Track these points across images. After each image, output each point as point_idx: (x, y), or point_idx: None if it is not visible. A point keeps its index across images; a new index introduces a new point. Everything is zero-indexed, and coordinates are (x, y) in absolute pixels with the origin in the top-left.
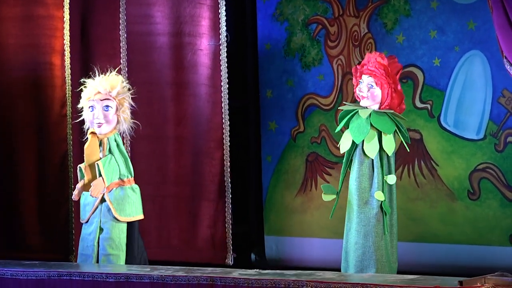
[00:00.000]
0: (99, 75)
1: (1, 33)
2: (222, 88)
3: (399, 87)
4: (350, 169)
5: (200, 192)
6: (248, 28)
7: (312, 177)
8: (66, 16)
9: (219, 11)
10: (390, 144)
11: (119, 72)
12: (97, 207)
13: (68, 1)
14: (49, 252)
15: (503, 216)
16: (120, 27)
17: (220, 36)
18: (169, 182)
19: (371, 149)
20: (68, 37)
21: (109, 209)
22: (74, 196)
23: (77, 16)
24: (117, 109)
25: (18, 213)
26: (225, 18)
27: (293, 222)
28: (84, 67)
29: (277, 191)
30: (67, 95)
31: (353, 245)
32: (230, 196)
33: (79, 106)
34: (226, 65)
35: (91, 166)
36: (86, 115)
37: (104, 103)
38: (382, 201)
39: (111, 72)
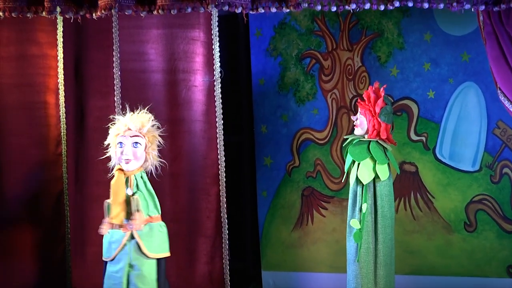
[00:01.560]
0: (128, 113)
1: None
2: (217, 124)
3: (381, 118)
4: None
5: (197, 228)
6: (242, 64)
7: (308, 212)
8: (60, 55)
9: (213, 47)
10: (365, 173)
11: (148, 109)
12: (125, 244)
13: (61, 40)
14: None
15: (500, 248)
16: (114, 65)
17: (214, 72)
18: (165, 219)
19: (367, 175)
20: (62, 76)
21: (138, 246)
22: (103, 231)
23: (71, 55)
24: (146, 147)
25: (13, 253)
26: (219, 54)
27: (290, 257)
28: (78, 106)
29: (273, 226)
30: (62, 133)
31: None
32: (227, 232)
33: (106, 142)
34: (221, 101)
35: (118, 203)
36: (113, 151)
37: (134, 139)
38: (357, 229)
39: (141, 109)
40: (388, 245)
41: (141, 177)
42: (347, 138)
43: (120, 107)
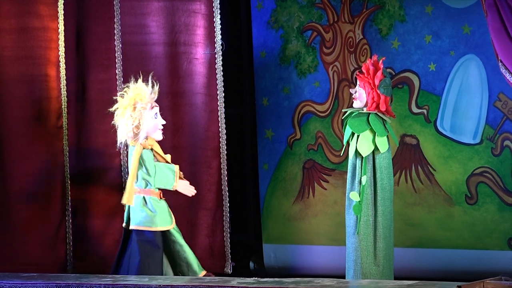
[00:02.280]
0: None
1: None
2: (218, 97)
3: (380, 90)
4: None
5: (198, 201)
6: (243, 36)
7: (309, 185)
8: (61, 28)
9: (214, 19)
10: (364, 146)
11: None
12: None
13: (62, 12)
14: (47, 264)
15: (501, 220)
16: (115, 38)
17: (216, 45)
18: (166, 192)
19: (366, 147)
20: (63, 49)
21: None
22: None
23: (72, 27)
24: None
25: (14, 225)
26: (220, 26)
27: (291, 230)
28: (80, 78)
29: (274, 199)
30: (62, 106)
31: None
32: (228, 205)
33: (134, 115)
34: (222, 73)
35: None
36: (149, 122)
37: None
38: (356, 201)
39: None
40: (388, 218)
41: None
42: (346, 111)
43: (122, 79)
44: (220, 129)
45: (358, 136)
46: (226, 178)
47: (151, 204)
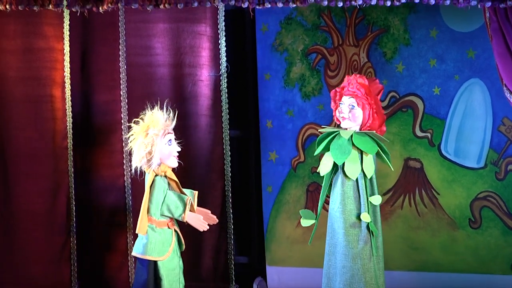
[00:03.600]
0: (153, 109)
1: (2, 66)
2: (222, 119)
3: (380, 108)
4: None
5: None
6: (248, 59)
7: (313, 207)
8: (66, 48)
9: (219, 41)
10: (370, 166)
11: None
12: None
13: (68, 33)
14: (51, 283)
15: (505, 245)
16: (120, 59)
17: (220, 67)
18: None
19: (353, 170)
20: (69, 69)
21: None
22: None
23: (77, 48)
24: None
25: (18, 244)
26: (225, 48)
27: (295, 253)
28: (84, 99)
29: (278, 222)
30: (68, 127)
31: (340, 269)
32: (232, 227)
33: (146, 142)
34: (227, 95)
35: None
36: (162, 149)
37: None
38: (368, 222)
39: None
40: (380, 239)
41: None
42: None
43: (126, 100)
44: (224, 151)
45: (362, 157)
46: (230, 200)
47: (148, 231)
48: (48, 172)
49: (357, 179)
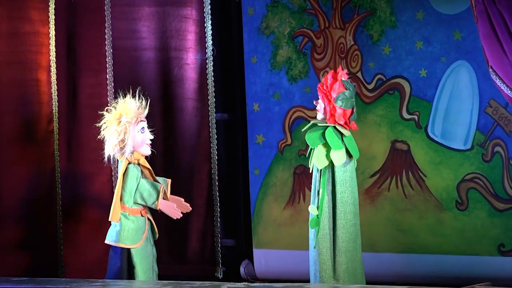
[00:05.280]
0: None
1: None
2: (209, 102)
3: (338, 103)
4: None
5: None
6: (234, 42)
7: (300, 190)
8: (52, 32)
9: (205, 25)
10: (316, 158)
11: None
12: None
13: (53, 17)
14: (37, 269)
15: (492, 226)
16: (106, 42)
17: (207, 50)
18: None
19: (321, 160)
20: (54, 53)
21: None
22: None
23: (63, 32)
24: None
25: (5, 229)
26: (211, 32)
27: (282, 235)
28: (70, 83)
29: (265, 204)
30: (53, 111)
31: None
32: (219, 210)
33: (119, 129)
34: (213, 79)
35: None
36: (135, 136)
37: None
38: (316, 215)
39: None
40: (350, 232)
41: None
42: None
43: (112, 84)
44: (210, 134)
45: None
46: (217, 184)
47: (121, 219)
48: (34, 156)
49: (315, 171)
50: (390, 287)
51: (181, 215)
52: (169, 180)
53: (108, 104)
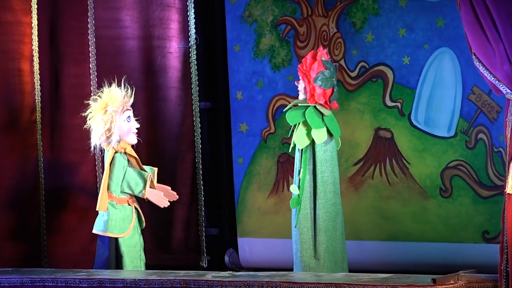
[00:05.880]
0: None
1: None
2: (192, 91)
3: (317, 82)
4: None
5: None
6: (217, 30)
7: (284, 178)
8: (34, 22)
9: (188, 13)
10: (296, 137)
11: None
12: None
13: (36, 6)
14: (21, 259)
15: (476, 213)
16: (89, 32)
17: (190, 39)
18: None
19: (301, 139)
20: (37, 43)
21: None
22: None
23: (45, 22)
24: None
25: None
26: (194, 20)
27: (266, 224)
28: (53, 73)
29: (249, 193)
30: (36, 101)
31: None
32: (203, 199)
33: (105, 118)
34: (196, 67)
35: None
36: (121, 125)
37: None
38: (298, 194)
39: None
40: (330, 211)
41: None
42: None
43: (96, 73)
44: (194, 123)
45: (296, 129)
46: (201, 172)
47: (108, 208)
48: (17, 146)
49: (296, 151)
50: (374, 275)
51: (168, 204)
52: (156, 169)
53: (92, 94)
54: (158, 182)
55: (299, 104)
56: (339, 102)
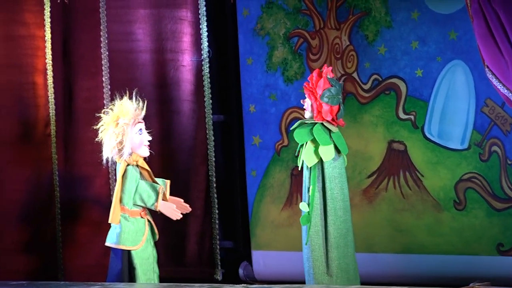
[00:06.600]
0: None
1: None
2: (205, 104)
3: (324, 99)
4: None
5: None
6: (230, 43)
7: (297, 191)
8: (48, 36)
9: (200, 26)
10: (305, 155)
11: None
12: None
13: (49, 20)
14: (36, 272)
15: (490, 226)
16: (102, 45)
17: (202, 52)
18: None
19: (310, 157)
20: (50, 56)
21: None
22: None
23: (59, 35)
24: None
25: (4, 232)
26: (207, 33)
27: (280, 237)
28: (67, 86)
29: (263, 206)
30: (50, 114)
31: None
32: (217, 211)
33: (116, 131)
34: (209, 80)
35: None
36: (133, 138)
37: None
38: (308, 211)
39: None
40: (341, 228)
41: None
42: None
43: (109, 87)
44: (207, 136)
45: (304, 147)
46: (214, 185)
47: (121, 221)
48: (32, 159)
49: (305, 168)
50: None
51: (181, 216)
52: (168, 181)
53: (104, 107)
54: (171, 195)
55: (306, 122)
56: (351, 115)
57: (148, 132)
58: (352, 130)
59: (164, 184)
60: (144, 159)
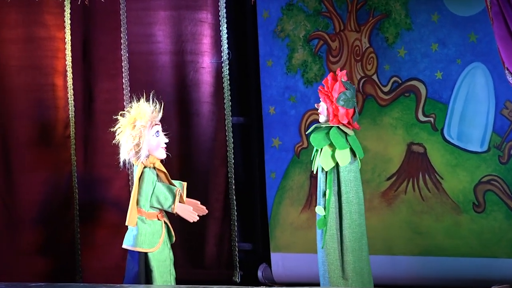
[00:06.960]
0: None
1: (3, 55)
2: (225, 106)
3: (340, 102)
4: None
5: None
6: (250, 45)
7: (316, 193)
8: (68, 37)
9: (220, 28)
10: (322, 159)
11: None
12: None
13: (69, 22)
14: (55, 274)
15: (509, 228)
16: (122, 47)
17: (222, 54)
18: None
19: (327, 161)
20: (70, 58)
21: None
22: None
23: (79, 37)
24: None
25: (22, 234)
26: (226, 35)
27: (299, 239)
28: (87, 88)
29: (282, 208)
30: (70, 116)
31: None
32: (236, 213)
33: (133, 133)
34: (229, 82)
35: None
36: (150, 140)
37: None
38: (324, 215)
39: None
40: (356, 231)
41: None
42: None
43: (128, 89)
44: (227, 138)
45: (320, 151)
46: (233, 187)
47: (138, 223)
48: (51, 161)
49: (320, 172)
50: None
51: (198, 218)
52: (185, 183)
53: (124, 109)
54: (190, 197)
55: (322, 126)
56: (371, 117)
57: (165, 134)
58: (371, 132)
59: (181, 186)
60: (162, 161)
